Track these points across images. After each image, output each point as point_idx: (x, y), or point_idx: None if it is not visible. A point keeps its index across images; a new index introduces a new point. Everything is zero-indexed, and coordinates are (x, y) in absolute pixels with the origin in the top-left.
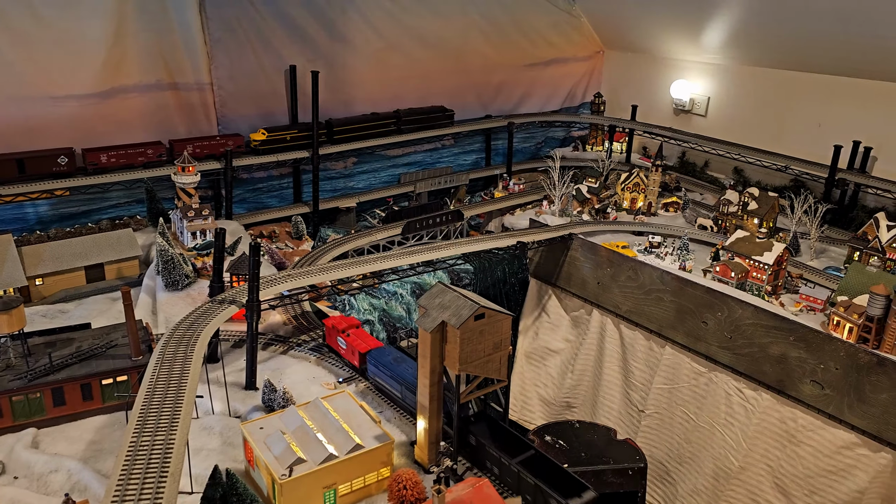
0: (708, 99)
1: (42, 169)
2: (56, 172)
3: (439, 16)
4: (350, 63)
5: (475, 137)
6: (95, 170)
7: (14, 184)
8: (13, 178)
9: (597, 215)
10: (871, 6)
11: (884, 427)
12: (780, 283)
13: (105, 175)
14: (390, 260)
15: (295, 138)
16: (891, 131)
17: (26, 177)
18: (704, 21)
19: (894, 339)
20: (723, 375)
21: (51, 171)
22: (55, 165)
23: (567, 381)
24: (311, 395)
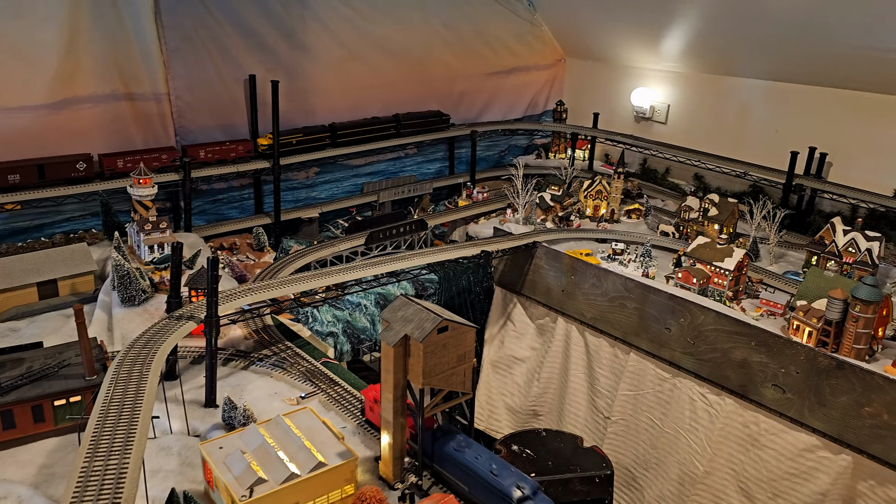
0: (668, 106)
1: (61, 174)
2: (75, 178)
3: (401, 25)
4: (311, 72)
5: (438, 146)
6: (112, 174)
7: (35, 189)
8: (34, 184)
9: (560, 223)
10: (824, 15)
11: (843, 429)
12: (740, 289)
13: (122, 180)
14: (353, 271)
15: (301, 142)
16: (845, 138)
17: (46, 182)
18: (663, 30)
19: (852, 342)
20: (687, 381)
21: (70, 176)
22: (73, 171)
23: (533, 390)
24: (273, 411)
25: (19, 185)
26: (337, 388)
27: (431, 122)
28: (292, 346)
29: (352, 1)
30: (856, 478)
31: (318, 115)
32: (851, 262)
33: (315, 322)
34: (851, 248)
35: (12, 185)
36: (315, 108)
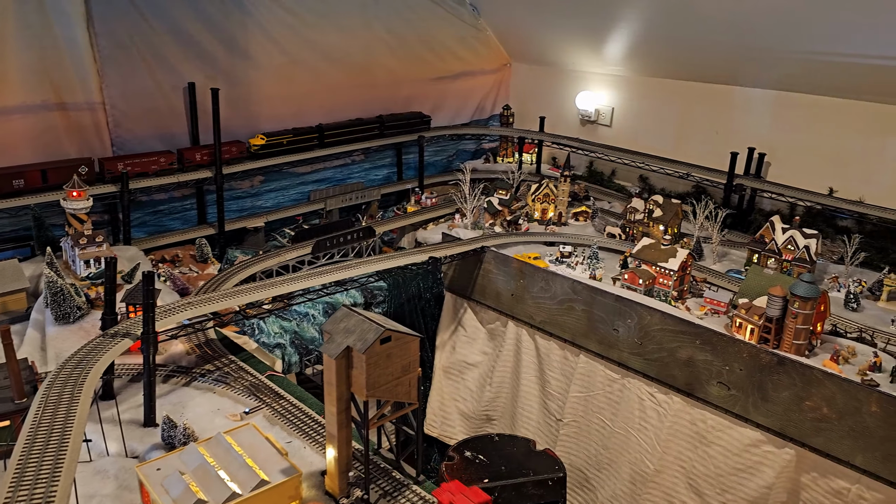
0: (612, 109)
1: (64, 178)
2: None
3: (343, 30)
4: (252, 79)
5: (386, 152)
6: (112, 178)
7: (39, 193)
8: (39, 188)
9: (509, 227)
10: (758, 19)
11: (786, 424)
12: (685, 288)
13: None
14: (301, 281)
15: (291, 142)
16: (781, 138)
17: (49, 186)
18: (605, 34)
19: (792, 338)
20: (635, 381)
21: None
22: (77, 174)
23: (486, 394)
24: (216, 428)
25: (24, 189)
26: (282, 402)
27: (413, 122)
28: (236, 360)
29: (293, 7)
30: (799, 470)
31: (261, 122)
32: (791, 260)
33: (262, 334)
34: (790, 246)
35: (17, 190)
36: (257, 115)
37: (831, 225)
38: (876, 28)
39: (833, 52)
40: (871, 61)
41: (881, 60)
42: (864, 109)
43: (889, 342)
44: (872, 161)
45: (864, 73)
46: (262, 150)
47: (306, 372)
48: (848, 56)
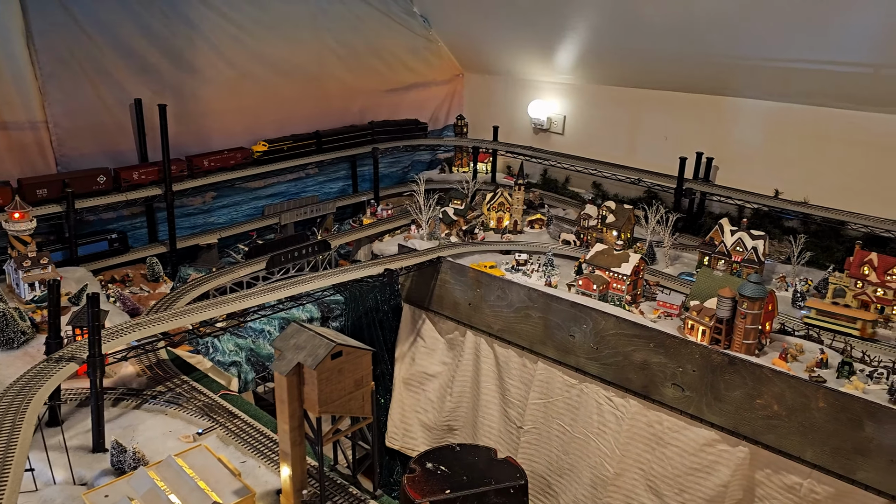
0: (564, 117)
1: (85, 188)
2: (96, 190)
3: (292, 42)
4: (201, 94)
5: (341, 165)
6: (128, 186)
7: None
8: (59, 197)
9: (465, 237)
10: (701, 27)
11: (739, 422)
12: (638, 292)
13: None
14: (255, 297)
15: (292, 148)
16: (728, 142)
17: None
18: (555, 44)
19: (742, 338)
20: (593, 385)
21: (91, 189)
22: (95, 184)
23: (447, 405)
24: (168, 451)
25: (47, 198)
26: (236, 422)
27: (407, 129)
28: (189, 381)
29: (240, 20)
30: (753, 468)
31: (212, 137)
32: (740, 261)
33: (216, 353)
34: (739, 248)
35: (41, 199)
36: (207, 130)
37: (778, 226)
38: (814, 34)
39: (774, 59)
40: (810, 66)
41: (819, 65)
42: (804, 113)
43: (835, 339)
44: (814, 163)
45: (803, 78)
46: (266, 156)
47: (258, 391)
48: (788, 62)
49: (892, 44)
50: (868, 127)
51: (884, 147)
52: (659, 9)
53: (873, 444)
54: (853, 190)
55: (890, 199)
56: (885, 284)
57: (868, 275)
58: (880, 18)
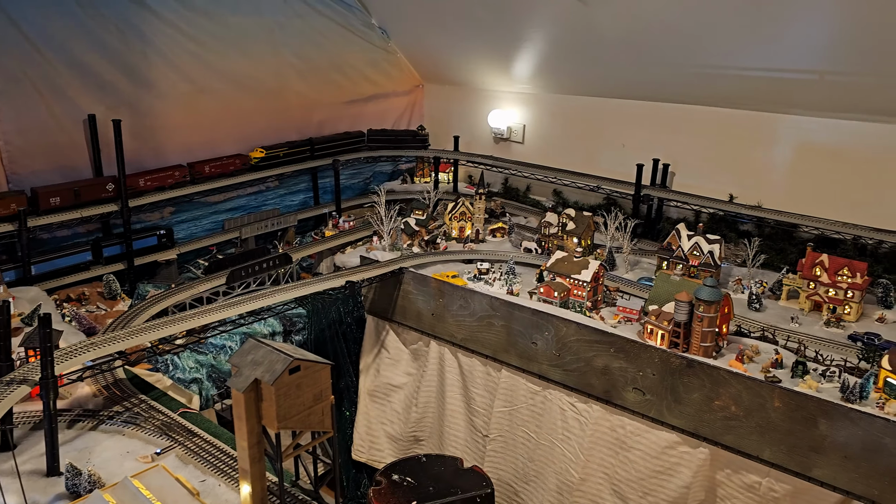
0: (524, 126)
1: (94, 195)
2: (105, 198)
3: (249, 57)
4: (157, 109)
5: (301, 177)
6: (134, 193)
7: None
8: (71, 205)
9: (427, 247)
10: (656, 37)
11: (699, 424)
12: (599, 298)
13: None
14: (215, 312)
15: (287, 154)
16: (683, 148)
17: (82, 202)
18: (513, 54)
19: (699, 341)
20: (556, 392)
21: (100, 196)
22: (104, 192)
23: (412, 415)
24: (125, 472)
25: (60, 206)
26: (196, 440)
27: (403, 139)
28: (147, 399)
29: (195, 34)
30: (714, 468)
31: (169, 152)
32: (697, 265)
33: (176, 370)
34: (696, 252)
35: (54, 207)
36: (165, 145)
37: (733, 229)
38: (762, 43)
39: (724, 66)
40: (759, 73)
41: (767, 73)
42: (754, 119)
43: (789, 339)
44: (766, 167)
45: (753, 85)
46: (263, 162)
47: (216, 408)
48: (738, 69)
49: (834, 51)
50: (815, 131)
51: (830, 151)
52: (612, 19)
53: (827, 441)
54: (804, 193)
55: (839, 201)
56: (836, 285)
57: (820, 276)
58: (823, 28)
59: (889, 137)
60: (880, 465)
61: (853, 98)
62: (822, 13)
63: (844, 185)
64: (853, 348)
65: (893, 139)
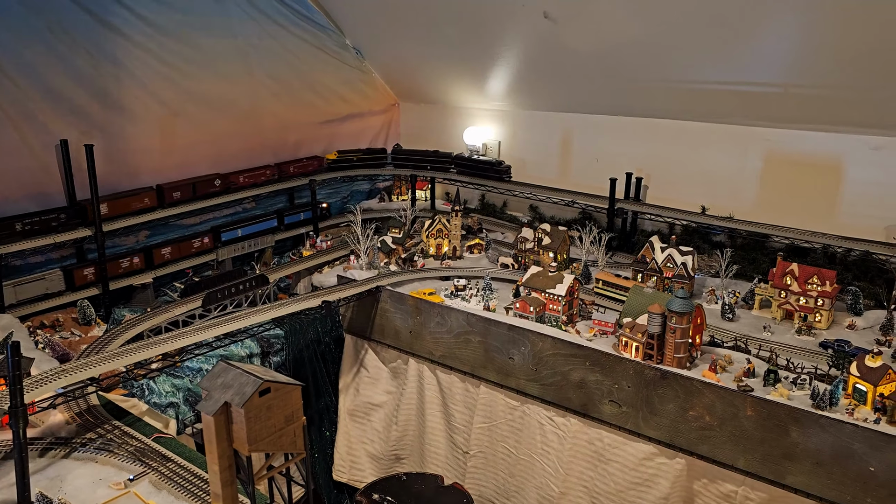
0: (499, 143)
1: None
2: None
3: (223, 78)
4: (130, 133)
5: (279, 197)
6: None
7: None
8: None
9: (404, 265)
10: (625, 54)
11: (675, 435)
12: (574, 312)
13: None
14: (191, 335)
15: (361, 159)
16: (655, 162)
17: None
18: (486, 72)
19: (673, 352)
20: (534, 406)
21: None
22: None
23: (393, 434)
24: (97, 500)
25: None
26: (170, 465)
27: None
28: (121, 425)
29: (168, 58)
30: (691, 478)
31: (142, 176)
32: (671, 277)
33: (152, 394)
34: (669, 264)
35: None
36: (138, 169)
37: (707, 241)
38: (728, 58)
39: (692, 81)
40: (727, 87)
41: (734, 86)
42: (723, 131)
43: (761, 348)
44: (737, 179)
45: (722, 99)
46: (335, 164)
47: (187, 432)
48: (706, 84)
49: (797, 65)
50: (782, 142)
51: (796, 161)
52: (582, 37)
53: (799, 448)
54: (774, 203)
55: (807, 210)
56: (806, 293)
57: (790, 285)
58: (786, 43)
59: (851, 146)
60: (851, 471)
61: (816, 109)
62: (784, 29)
63: (812, 194)
64: (824, 355)
65: (856, 147)
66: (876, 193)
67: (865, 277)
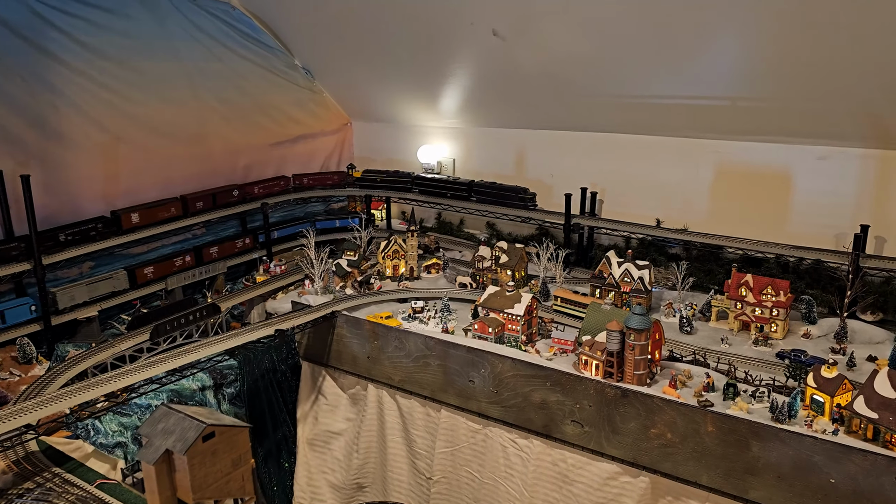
0: (454, 161)
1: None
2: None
3: (169, 103)
4: (70, 161)
5: (230, 222)
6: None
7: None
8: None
9: (360, 288)
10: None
11: (637, 453)
12: (534, 331)
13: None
14: (139, 372)
15: (384, 180)
16: (609, 176)
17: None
18: (438, 90)
19: (633, 369)
20: (496, 429)
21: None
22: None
23: (354, 462)
24: None
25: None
26: None
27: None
28: (62, 472)
29: (109, 82)
30: (655, 496)
31: (86, 205)
32: (628, 291)
33: (98, 435)
34: (627, 278)
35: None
36: (80, 197)
37: (663, 253)
38: (676, 73)
39: (642, 96)
40: (676, 101)
41: (683, 100)
42: (674, 144)
43: (720, 361)
44: (689, 191)
45: (671, 113)
46: (358, 181)
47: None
48: (655, 98)
49: (743, 79)
50: (731, 154)
51: (746, 172)
52: (531, 53)
53: (761, 462)
54: (726, 215)
55: (758, 221)
56: (762, 304)
57: (746, 296)
58: (731, 57)
59: (798, 156)
60: (812, 483)
61: (763, 121)
62: (728, 44)
63: (763, 204)
64: (781, 366)
65: (803, 158)
66: (824, 202)
67: (818, 285)
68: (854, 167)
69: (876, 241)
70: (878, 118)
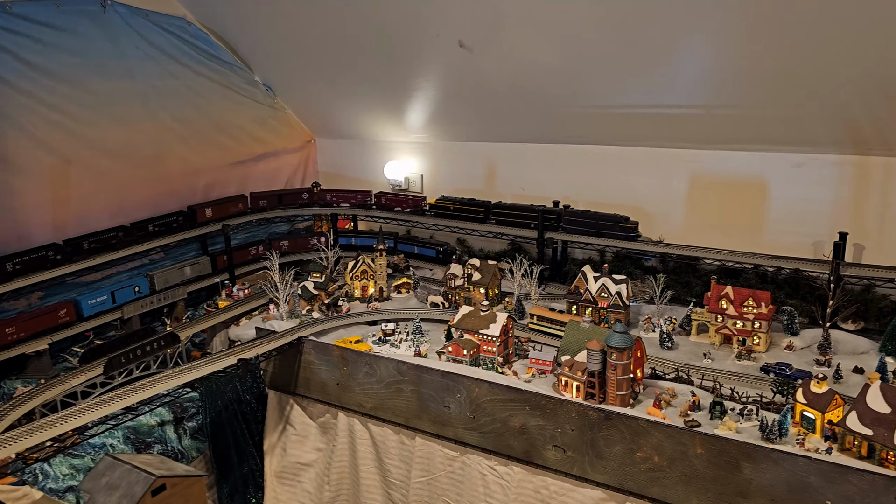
0: (422, 176)
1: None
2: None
3: (124, 124)
4: (17, 187)
5: (189, 246)
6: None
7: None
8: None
9: (328, 311)
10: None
11: (623, 478)
12: (510, 352)
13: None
14: (92, 410)
15: (457, 209)
16: (580, 188)
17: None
18: (403, 104)
19: (615, 390)
20: (474, 456)
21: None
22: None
23: (325, 495)
24: None
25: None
26: None
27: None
28: None
29: (58, 104)
30: None
31: (34, 232)
32: (606, 307)
33: (47, 479)
34: (604, 293)
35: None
36: (28, 225)
37: (639, 266)
38: (645, 81)
39: (612, 106)
40: (647, 111)
41: (655, 109)
42: (648, 154)
43: (704, 377)
44: (664, 202)
45: (643, 122)
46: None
47: None
48: (626, 108)
49: (715, 86)
50: (706, 163)
51: (722, 182)
52: (497, 65)
53: (753, 485)
54: (702, 225)
55: (735, 230)
56: (743, 316)
57: (726, 308)
58: (702, 65)
59: (774, 164)
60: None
61: (738, 129)
62: (698, 51)
63: (739, 213)
64: (766, 380)
65: (778, 165)
66: (801, 210)
67: (797, 295)
68: (831, 174)
69: (854, 249)
70: (854, 123)
